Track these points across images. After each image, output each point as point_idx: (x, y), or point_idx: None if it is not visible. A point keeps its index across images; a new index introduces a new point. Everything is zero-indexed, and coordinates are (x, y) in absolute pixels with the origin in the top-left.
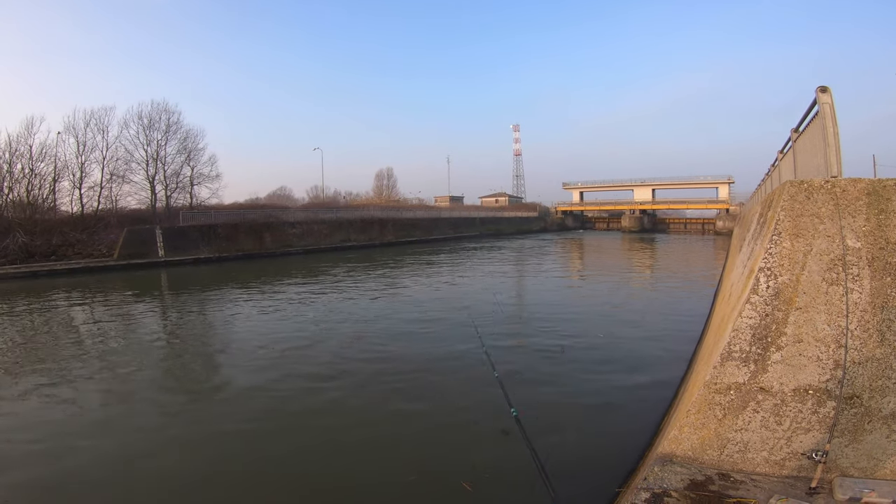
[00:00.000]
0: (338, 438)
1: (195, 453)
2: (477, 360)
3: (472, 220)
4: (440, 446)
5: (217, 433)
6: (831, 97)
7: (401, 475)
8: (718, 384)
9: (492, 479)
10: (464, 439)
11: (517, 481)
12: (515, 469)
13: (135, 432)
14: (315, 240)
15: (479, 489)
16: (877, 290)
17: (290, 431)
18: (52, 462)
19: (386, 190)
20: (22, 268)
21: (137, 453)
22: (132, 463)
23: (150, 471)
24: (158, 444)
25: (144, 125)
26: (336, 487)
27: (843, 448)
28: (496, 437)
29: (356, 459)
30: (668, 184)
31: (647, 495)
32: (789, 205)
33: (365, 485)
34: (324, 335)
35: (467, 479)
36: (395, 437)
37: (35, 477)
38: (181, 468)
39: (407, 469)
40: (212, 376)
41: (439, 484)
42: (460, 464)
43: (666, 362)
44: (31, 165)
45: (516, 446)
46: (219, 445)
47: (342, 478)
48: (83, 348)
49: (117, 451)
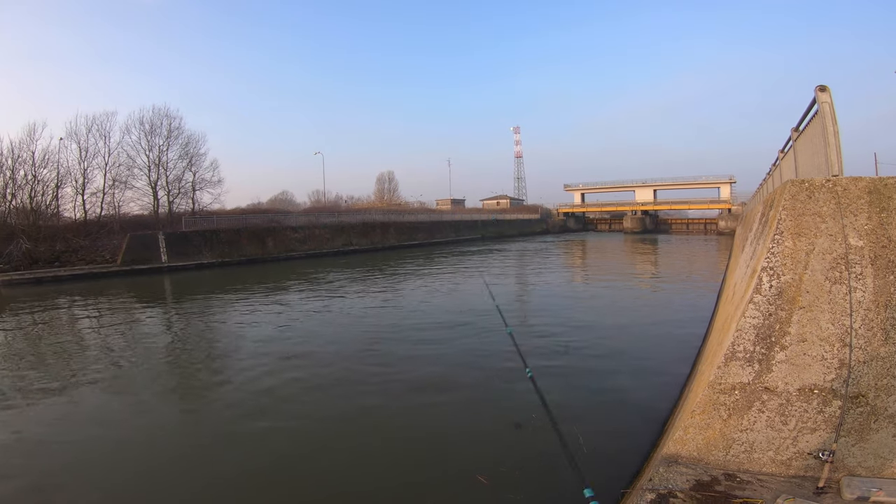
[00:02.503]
0: (350, 439)
1: (211, 456)
2: (483, 360)
3: (474, 222)
4: (454, 443)
5: (232, 436)
6: (830, 96)
7: (415, 471)
8: (723, 384)
9: (507, 472)
10: (477, 434)
11: (531, 475)
12: (530, 462)
13: (146, 438)
14: (317, 244)
15: (494, 482)
16: (880, 289)
17: (305, 432)
18: (55, 468)
19: (387, 193)
20: (26, 274)
21: (151, 458)
22: (144, 468)
23: (168, 478)
24: (173, 448)
25: (146, 130)
26: (348, 487)
27: (849, 447)
28: (508, 432)
29: (369, 461)
30: (670, 184)
31: (653, 496)
32: (791, 204)
33: (380, 486)
34: (331, 339)
35: (483, 473)
36: (408, 436)
37: (37, 482)
38: (206, 470)
39: (422, 463)
40: (222, 381)
41: (455, 478)
42: (475, 458)
43: (670, 363)
44: (34, 171)
45: (528, 441)
46: (236, 448)
47: (356, 478)
48: (89, 354)
49: (126, 454)
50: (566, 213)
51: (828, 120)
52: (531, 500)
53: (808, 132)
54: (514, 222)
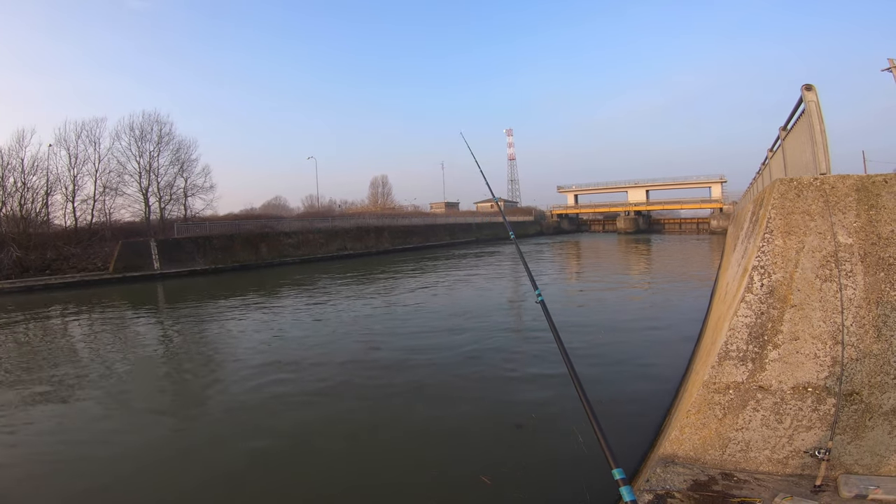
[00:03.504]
0: (350, 443)
1: (211, 461)
2: (481, 362)
3: (469, 225)
4: (456, 445)
5: (231, 441)
6: (816, 95)
7: (419, 473)
8: (717, 384)
9: (508, 473)
10: (478, 435)
11: (530, 477)
12: (527, 465)
13: (139, 446)
14: (311, 249)
15: (497, 483)
16: (871, 286)
17: (303, 437)
18: (50, 475)
19: (381, 197)
20: (17, 282)
21: (144, 465)
22: (136, 474)
23: (154, 485)
24: (160, 455)
25: (136, 136)
26: (353, 488)
27: (845, 445)
28: (509, 433)
29: (369, 464)
30: (662, 184)
31: (651, 497)
32: (780, 202)
33: (386, 484)
34: (327, 344)
35: (486, 474)
36: (411, 439)
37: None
38: (199, 475)
39: (425, 466)
40: (214, 388)
41: (458, 479)
42: (477, 460)
43: (665, 362)
44: (24, 179)
45: (529, 441)
46: (235, 453)
47: (361, 478)
48: (82, 363)
49: (119, 463)
50: (560, 215)
51: (814, 119)
52: (533, 501)
53: (795, 131)
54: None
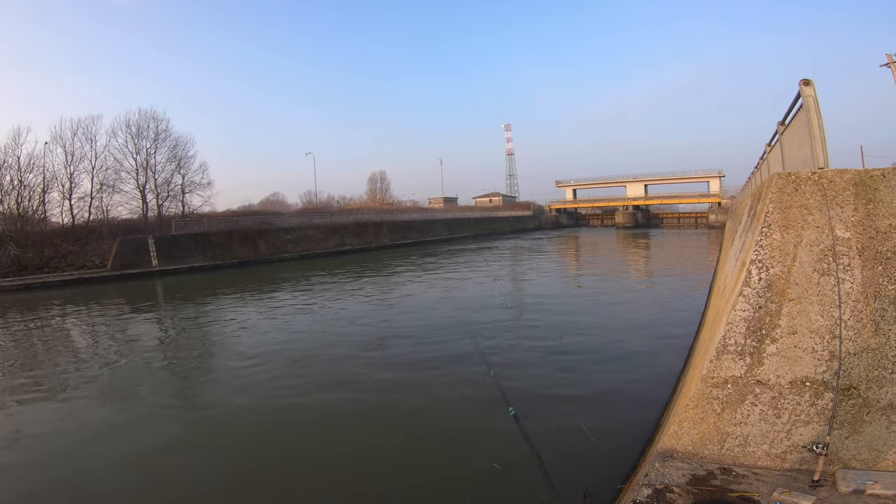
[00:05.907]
0: (355, 436)
1: (214, 457)
2: (476, 362)
3: (467, 220)
4: (457, 437)
5: (232, 441)
6: (814, 90)
7: (431, 460)
8: (715, 378)
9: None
10: (479, 429)
11: (524, 475)
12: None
13: (139, 445)
14: (310, 245)
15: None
16: (868, 280)
17: (311, 432)
18: (50, 475)
19: (380, 193)
20: (15, 280)
21: (144, 465)
22: (136, 474)
23: (155, 481)
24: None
25: (132, 133)
26: (366, 483)
27: (843, 440)
28: (510, 426)
29: (375, 456)
30: (660, 179)
31: (650, 491)
32: (778, 197)
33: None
34: (328, 340)
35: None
36: (412, 432)
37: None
38: (205, 471)
39: (437, 454)
40: (217, 387)
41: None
42: (481, 450)
43: (664, 357)
44: (20, 177)
45: (530, 434)
46: (242, 449)
47: (365, 470)
48: (81, 361)
49: (119, 463)
50: (558, 210)
51: (812, 113)
52: (535, 490)
53: (793, 125)
54: (507, 219)
